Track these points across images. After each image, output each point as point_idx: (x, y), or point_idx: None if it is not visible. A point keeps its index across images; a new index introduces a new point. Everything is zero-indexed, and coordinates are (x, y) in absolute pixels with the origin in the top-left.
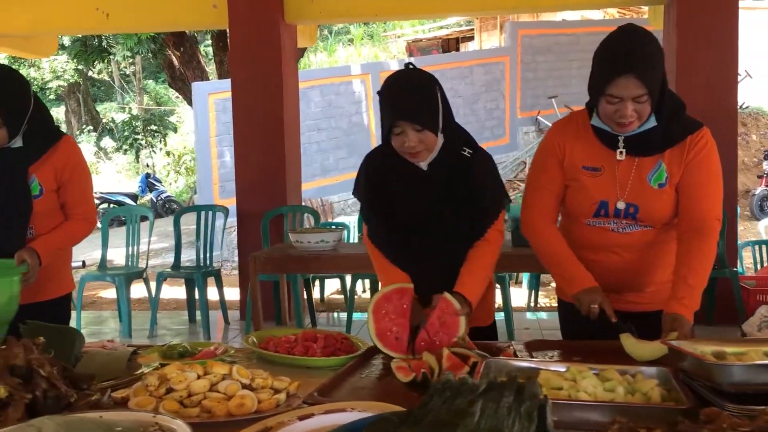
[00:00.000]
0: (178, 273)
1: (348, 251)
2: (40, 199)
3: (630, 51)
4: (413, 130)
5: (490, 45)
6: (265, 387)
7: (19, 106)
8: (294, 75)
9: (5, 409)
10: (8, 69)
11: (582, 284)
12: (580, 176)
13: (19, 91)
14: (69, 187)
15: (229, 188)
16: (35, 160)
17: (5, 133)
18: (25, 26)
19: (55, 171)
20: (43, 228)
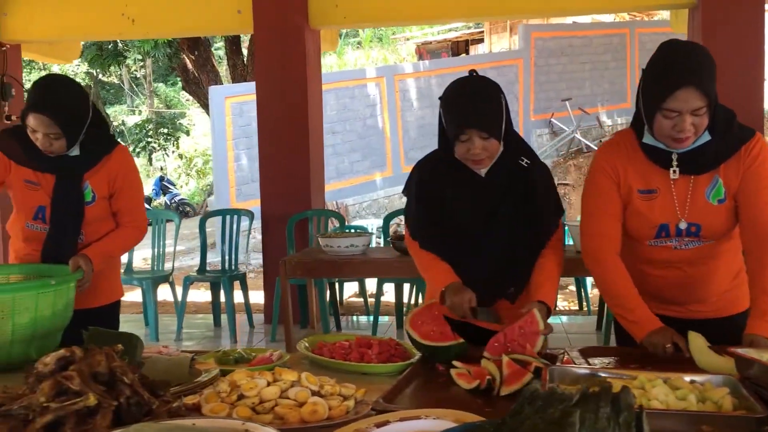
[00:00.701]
0: (204, 277)
1: (377, 255)
2: (92, 206)
3: (689, 63)
4: (479, 137)
5: (500, 48)
6: (333, 394)
7: (78, 117)
8: (318, 80)
9: (93, 417)
10: (68, 80)
11: (650, 327)
12: (635, 201)
13: (78, 102)
14: (121, 196)
15: (246, 191)
16: (90, 168)
17: (64, 142)
18: (51, 32)
19: (109, 179)
20: (94, 234)
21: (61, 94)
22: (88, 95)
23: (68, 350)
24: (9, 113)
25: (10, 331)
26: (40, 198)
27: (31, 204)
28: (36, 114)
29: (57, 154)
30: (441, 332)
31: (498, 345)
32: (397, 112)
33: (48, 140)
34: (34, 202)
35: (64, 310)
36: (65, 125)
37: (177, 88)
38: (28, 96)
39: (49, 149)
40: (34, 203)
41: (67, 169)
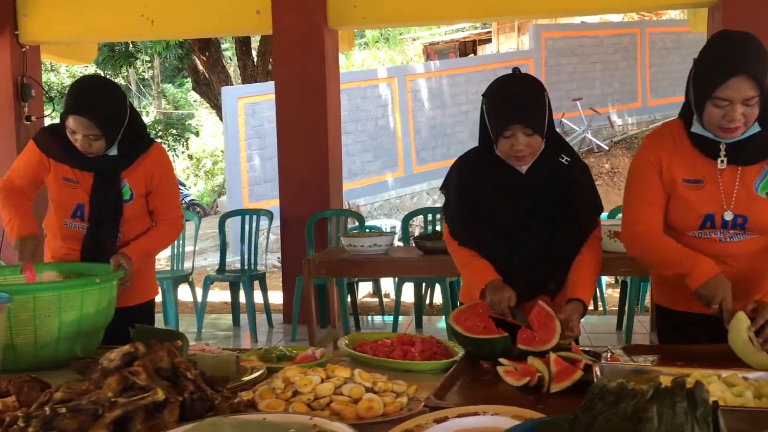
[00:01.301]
0: (224, 276)
1: (399, 255)
2: (130, 204)
3: (742, 52)
4: (524, 134)
5: (508, 48)
6: (386, 390)
7: (117, 118)
8: (336, 80)
9: (161, 412)
10: (106, 81)
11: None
12: (681, 190)
13: (117, 103)
14: (158, 194)
15: (258, 191)
16: (128, 166)
17: (103, 143)
18: (70, 34)
19: (146, 177)
20: (131, 232)
21: (99, 96)
22: (125, 96)
23: (132, 346)
24: (29, 114)
25: (56, 329)
26: (78, 196)
27: (69, 202)
28: (75, 116)
29: (95, 155)
30: (485, 327)
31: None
32: (408, 112)
33: (87, 141)
34: (73, 200)
35: (107, 308)
36: (104, 126)
37: (185, 89)
38: (66, 98)
39: (89, 150)
40: (72, 201)
41: (105, 167)
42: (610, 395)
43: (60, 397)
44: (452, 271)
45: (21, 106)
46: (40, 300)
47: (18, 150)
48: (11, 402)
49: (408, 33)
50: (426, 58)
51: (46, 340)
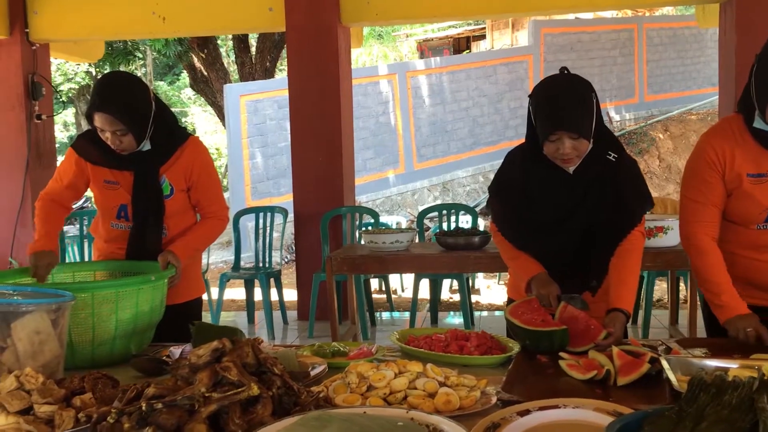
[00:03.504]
0: (239, 274)
1: (420, 251)
2: (171, 199)
3: None
4: (570, 138)
5: (502, 44)
6: (458, 384)
7: (140, 110)
8: (348, 76)
9: (254, 406)
10: (127, 75)
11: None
12: (745, 185)
13: (138, 96)
14: (199, 187)
15: (261, 189)
16: (165, 161)
17: (132, 138)
18: (80, 32)
19: (185, 171)
20: (176, 228)
21: (120, 90)
22: (148, 88)
23: (220, 342)
24: (39, 112)
25: (113, 327)
26: (120, 197)
27: (112, 204)
28: (99, 113)
29: (129, 151)
30: (543, 320)
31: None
32: (409, 109)
33: (116, 137)
34: (116, 201)
35: (159, 306)
36: (129, 120)
37: (177, 87)
38: (90, 96)
39: (120, 147)
40: (115, 202)
41: (143, 164)
42: (712, 387)
43: (152, 393)
44: (471, 266)
45: (32, 105)
46: (99, 298)
47: (29, 148)
48: (88, 398)
49: (401, 29)
50: (420, 55)
51: (104, 338)
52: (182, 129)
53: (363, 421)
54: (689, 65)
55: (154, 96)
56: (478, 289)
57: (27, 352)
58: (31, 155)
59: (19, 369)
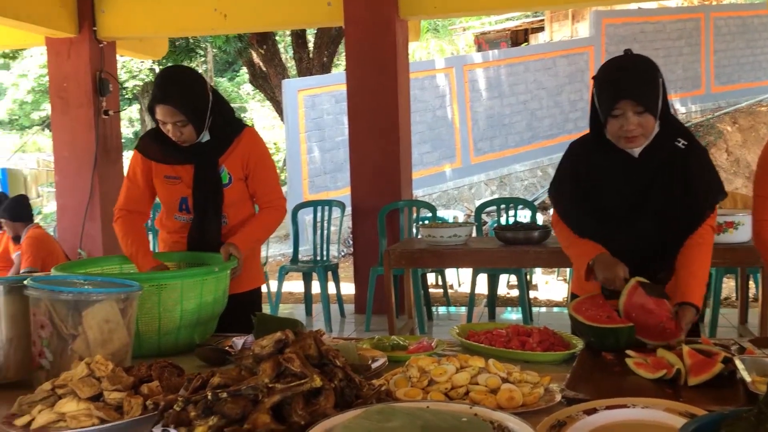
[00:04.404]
0: (298, 267)
1: (478, 245)
2: (230, 188)
3: None
4: (633, 112)
5: (561, 36)
6: (521, 381)
7: (198, 101)
8: (406, 70)
9: (317, 398)
10: (184, 68)
11: None
12: None
13: (196, 88)
14: (256, 177)
15: (318, 183)
16: (223, 152)
17: (192, 128)
18: (145, 29)
19: (242, 160)
20: (235, 216)
21: (180, 83)
22: (205, 81)
23: (284, 333)
24: (106, 108)
25: (178, 317)
26: (181, 190)
27: (174, 197)
28: (160, 105)
29: (190, 143)
30: (608, 316)
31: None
32: (466, 102)
33: (177, 129)
34: (177, 195)
35: (222, 297)
36: (188, 111)
37: (236, 83)
38: (152, 91)
39: (181, 138)
40: (177, 196)
41: (202, 156)
42: None
43: (217, 382)
44: (530, 261)
45: (99, 101)
46: (165, 289)
47: (97, 144)
48: (155, 386)
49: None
50: (477, 48)
51: (169, 328)
52: (239, 120)
53: (426, 416)
54: (759, 55)
55: (211, 88)
56: (536, 285)
57: (97, 340)
58: (98, 150)
59: (90, 356)
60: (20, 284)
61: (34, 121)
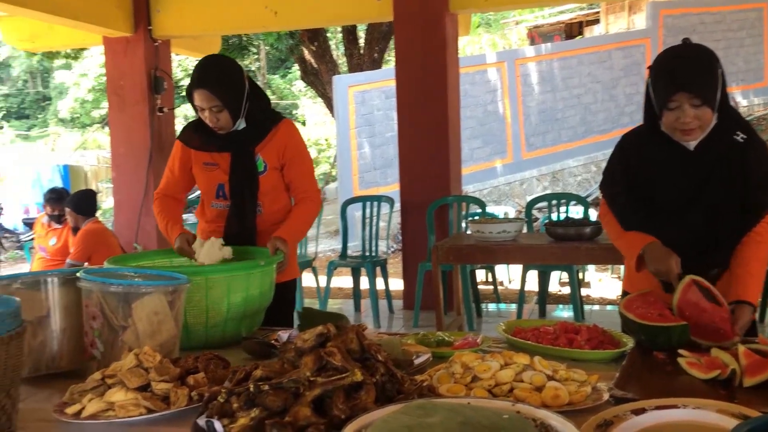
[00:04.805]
0: (347, 262)
1: (528, 241)
2: (265, 175)
3: None
4: (690, 105)
5: (617, 28)
6: (567, 379)
7: (234, 87)
8: (455, 64)
9: (357, 393)
10: (222, 57)
11: None
12: None
13: (232, 74)
14: (292, 167)
15: (368, 179)
16: (260, 140)
17: (227, 115)
18: (198, 27)
19: (278, 150)
20: (270, 205)
21: (215, 69)
22: (242, 69)
23: (325, 327)
24: (161, 105)
25: (225, 310)
26: (218, 176)
27: (212, 184)
28: (197, 90)
29: (226, 130)
30: (660, 314)
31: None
32: (517, 97)
33: (213, 115)
34: (214, 181)
35: (268, 290)
36: (223, 96)
37: (288, 80)
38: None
39: (218, 125)
40: (214, 182)
41: (239, 143)
42: None
43: (259, 375)
44: (582, 258)
45: (154, 98)
46: (212, 282)
47: (152, 139)
48: (201, 378)
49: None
50: (530, 42)
51: (216, 321)
52: (276, 112)
53: (467, 412)
54: None
55: (248, 77)
56: (588, 282)
57: (146, 331)
58: (153, 147)
59: (139, 348)
60: (74, 276)
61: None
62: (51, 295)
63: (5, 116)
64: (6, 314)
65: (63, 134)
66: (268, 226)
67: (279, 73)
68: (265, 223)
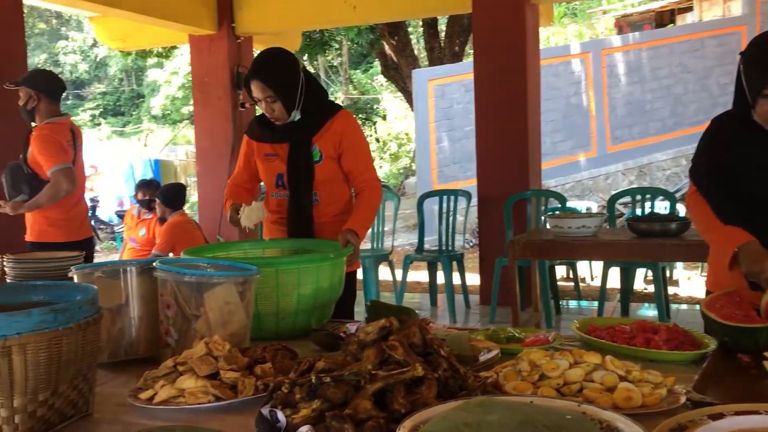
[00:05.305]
0: (423, 256)
1: (609, 237)
2: (320, 165)
3: None
4: None
5: (712, 15)
6: (641, 380)
7: (287, 79)
8: (536, 56)
9: (419, 387)
10: (278, 49)
11: None
12: None
13: (287, 66)
14: (349, 155)
15: (447, 173)
16: (317, 131)
17: (281, 105)
18: (280, 24)
19: (334, 140)
20: (327, 195)
21: (269, 61)
22: (297, 61)
23: (388, 321)
24: (243, 101)
25: (295, 301)
26: (278, 167)
27: (271, 174)
28: (252, 81)
29: (282, 121)
30: (745, 315)
31: None
32: (603, 88)
33: (269, 106)
34: (274, 171)
35: (338, 283)
36: (276, 87)
37: (370, 75)
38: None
39: (273, 115)
40: (273, 172)
41: (296, 133)
42: None
43: (322, 367)
44: (668, 255)
45: (236, 94)
46: (282, 273)
47: (234, 134)
48: (268, 368)
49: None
50: (618, 32)
51: (287, 312)
52: (333, 103)
53: (528, 411)
54: None
55: (303, 70)
56: (676, 281)
57: (218, 321)
58: (235, 141)
59: (210, 337)
60: (151, 266)
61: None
62: (129, 284)
63: (102, 113)
64: (84, 301)
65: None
66: (327, 216)
67: (360, 68)
68: (323, 214)
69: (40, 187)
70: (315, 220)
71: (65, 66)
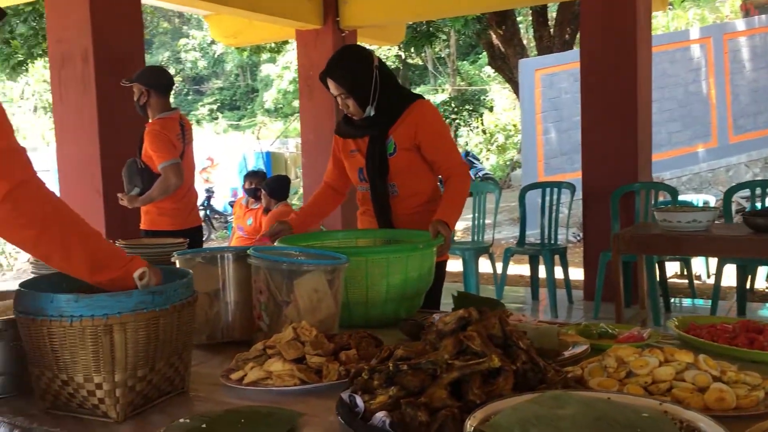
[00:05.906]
0: (524, 250)
1: (722, 232)
2: (395, 157)
3: None
4: None
5: None
6: (737, 381)
7: (359, 75)
8: (647, 43)
9: (495, 378)
10: (354, 47)
11: None
12: None
13: (357, 63)
14: (431, 146)
15: (554, 165)
16: (391, 124)
17: (353, 101)
18: (384, 16)
19: (409, 131)
20: (405, 186)
21: (341, 59)
22: (370, 59)
23: (466, 311)
24: None
25: (384, 290)
26: (359, 161)
27: (354, 168)
28: (327, 79)
29: (358, 116)
30: None
31: None
32: (725, 75)
33: (343, 101)
34: (357, 166)
35: (428, 274)
36: (346, 83)
37: (478, 66)
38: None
39: (349, 111)
40: (356, 167)
41: (373, 128)
42: None
43: (400, 355)
44: None
45: None
46: (371, 262)
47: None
48: (352, 354)
49: None
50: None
51: (376, 301)
52: (411, 94)
53: (604, 407)
54: None
55: (377, 67)
56: None
57: (307, 307)
58: None
59: (299, 323)
60: (245, 254)
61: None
62: (226, 270)
63: (219, 108)
64: (180, 285)
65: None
66: (409, 207)
67: (468, 60)
68: (403, 206)
69: (153, 180)
70: (397, 211)
71: (186, 63)
